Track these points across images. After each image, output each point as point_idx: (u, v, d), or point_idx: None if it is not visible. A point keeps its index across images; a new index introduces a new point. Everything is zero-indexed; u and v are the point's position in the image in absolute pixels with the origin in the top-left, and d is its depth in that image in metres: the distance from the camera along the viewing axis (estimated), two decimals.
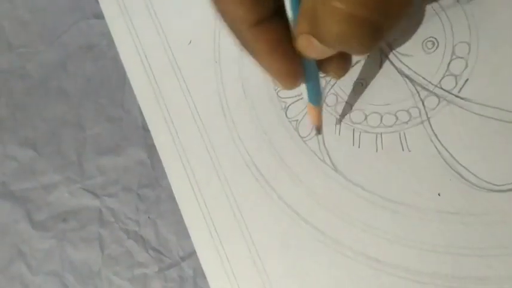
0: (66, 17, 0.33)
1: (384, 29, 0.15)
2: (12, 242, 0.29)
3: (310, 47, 0.17)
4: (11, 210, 0.30)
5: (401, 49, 0.24)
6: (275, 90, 0.26)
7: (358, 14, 0.14)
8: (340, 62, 0.20)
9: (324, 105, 0.25)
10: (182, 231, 0.26)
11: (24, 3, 0.34)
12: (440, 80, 0.23)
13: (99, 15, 0.32)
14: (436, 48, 0.23)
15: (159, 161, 0.28)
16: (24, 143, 0.31)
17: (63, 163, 0.30)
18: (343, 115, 0.24)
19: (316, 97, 0.21)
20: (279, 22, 0.18)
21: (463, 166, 0.22)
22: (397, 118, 0.23)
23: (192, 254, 0.26)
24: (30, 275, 0.28)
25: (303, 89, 0.21)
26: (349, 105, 0.24)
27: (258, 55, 0.18)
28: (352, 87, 0.25)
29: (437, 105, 0.23)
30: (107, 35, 0.31)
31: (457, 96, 0.23)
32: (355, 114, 0.24)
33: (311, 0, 0.16)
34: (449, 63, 0.23)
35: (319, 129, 0.24)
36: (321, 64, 0.20)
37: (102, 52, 0.31)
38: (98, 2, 0.32)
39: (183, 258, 0.26)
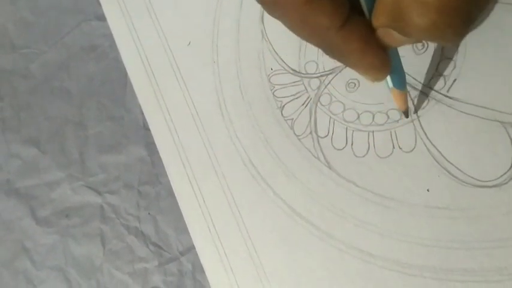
0: (68, 18, 0.33)
1: (474, 14, 0.15)
2: (16, 238, 0.30)
3: (390, 39, 0.17)
4: (16, 207, 0.30)
5: None
6: (271, 90, 0.27)
7: (450, 4, 0.14)
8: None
9: (318, 104, 0.26)
10: (181, 227, 0.27)
11: (28, 5, 0.35)
12: (430, 80, 0.24)
13: (101, 17, 0.32)
14: (426, 49, 0.24)
15: (159, 158, 0.28)
16: (28, 142, 0.31)
17: (66, 161, 0.30)
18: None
19: (401, 82, 0.21)
20: (358, 18, 0.17)
21: (450, 163, 0.22)
22: (388, 117, 0.24)
23: (191, 248, 0.26)
24: (34, 269, 0.29)
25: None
26: (342, 104, 0.25)
27: (350, 55, 0.18)
28: (345, 87, 0.25)
29: (427, 104, 0.23)
30: (108, 37, 0.32)
31: (445, 95, 0.23)
32: (348, 113, 0.25)
33: None
34: (438, 64, 0.24)
35: (406, 113, 0.23)
36: None
37: (104, 53, 0.32)
38: (100, 4, 0.32)
39: (182, 253, 0.26)
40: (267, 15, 0.24)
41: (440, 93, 0.23)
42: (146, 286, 0.27)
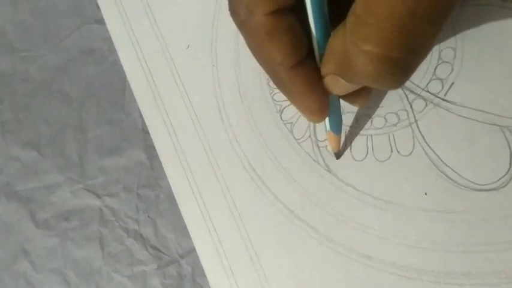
0: (68, 22, 0.33)
1: (414, 65, 0.16)
2: (16, 241, 0.29)
3: (336, 86, 0.18)
4: (15, 210, 0.30)
5: None
6: (270, 93, 0.27)
7: (391, 55, 0.15)
8: (363, 93, 0.21)
9: None
10: (180, 230, 0.27)
11: (28, 8, 0.35)
12: (427, 84, 0.24)
13: (100, 21, 0.32)
14: None
15: (159, 162, 0.28)
16: (27, 145, 0.31)
17: (65, 164, 0.30)
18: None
19: (336, 126, 0.22)
20: (311, 63, 0.18)
21: (448, 166, 0.22)
22: (386, 120, 0.24)
23: (190, 251, 0.26)
24: (34, 272, 0.29)
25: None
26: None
27: (292, 94, 0.19)
28: None
29: (425, 108, 0.24)
30: (107, 40, 0.32)
31: (443, 99, 0.23)
32: (347, 117, 0.25)
33: (340, 43, 0.16)
34: (435, 68, 0.24)
35: (338, 155, 0.24)
36: (344, 96, 0.21)
37: (103, 56, 0.32)
38: (99, 8, 0.32)
39: (181, 256, 0.26)
40: None
41: (438, 97, 0.23)
42: None
